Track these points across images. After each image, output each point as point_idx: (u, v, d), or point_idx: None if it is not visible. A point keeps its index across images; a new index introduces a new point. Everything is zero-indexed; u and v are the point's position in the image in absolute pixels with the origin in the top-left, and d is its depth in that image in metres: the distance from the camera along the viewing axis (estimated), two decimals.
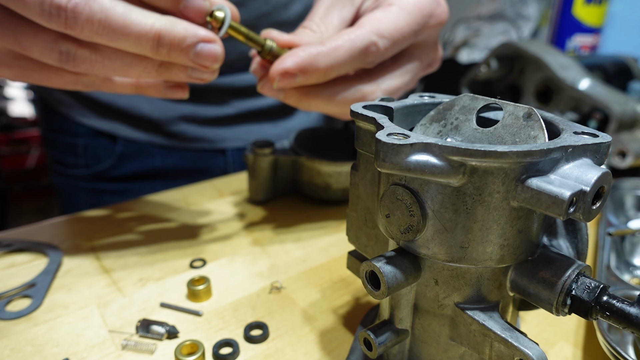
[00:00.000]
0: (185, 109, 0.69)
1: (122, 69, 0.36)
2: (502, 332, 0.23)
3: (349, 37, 0.39)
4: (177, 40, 0.34)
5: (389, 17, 0.40)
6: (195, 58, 0.35)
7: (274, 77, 0.39)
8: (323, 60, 0.38)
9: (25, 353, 0.33)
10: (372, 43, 0.39)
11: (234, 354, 0.32)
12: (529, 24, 1.26)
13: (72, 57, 0.34)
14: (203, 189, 0.60)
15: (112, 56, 0.35)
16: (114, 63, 0.35)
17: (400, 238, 0.24)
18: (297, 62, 0.38)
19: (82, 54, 0.34)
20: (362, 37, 0.39)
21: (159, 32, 0.33)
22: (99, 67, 0.35)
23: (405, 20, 0.41)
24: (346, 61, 0.39)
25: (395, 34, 0.40)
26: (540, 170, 0.21)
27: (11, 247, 0.45)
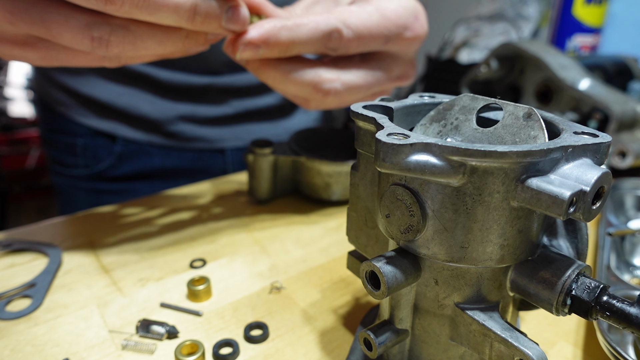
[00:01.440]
0: (184, 109, 0.69)
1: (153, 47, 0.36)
2: (502, 332, 0.23)
3: (315, 18, 0.39)
4: (212, 9, 0.35)
5: (361, 13, 0.40)
6: (227, 24, 0.36)
7: (238, 46, 0.39)
8: (285, 34, 0.38)
9: (25, 353, 0.33)
10: (336, 29, 0.39)
11: (234, 354, 0.32)
12: (529, 24, 1.26)
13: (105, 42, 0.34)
14: (203, 188, 0.60)
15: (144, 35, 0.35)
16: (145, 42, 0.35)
17: (400, 238, 0.24)
18: (261, 33, 0.38)
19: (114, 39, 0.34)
20: (328, 21, 0.39)
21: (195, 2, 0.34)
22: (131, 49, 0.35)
23: (377, 21, 0.41)
24: (307, 40, 0.39)
25: (362, 30, 0.40)
26: (540, 170, 0.21)
27: (11, 247, 0.45)
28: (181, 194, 0.58)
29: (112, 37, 0.34)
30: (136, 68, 0.65)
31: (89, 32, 0.33)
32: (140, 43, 0.35)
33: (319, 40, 0.39)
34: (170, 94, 0.68)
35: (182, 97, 0.69)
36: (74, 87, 0.69)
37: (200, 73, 0.68)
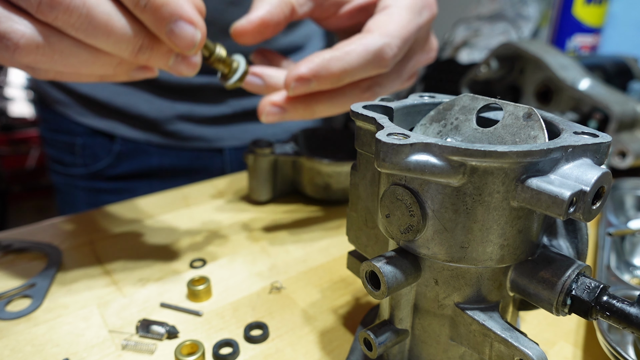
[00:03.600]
0: (183, 108, 0.69)
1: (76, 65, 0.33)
2: (502, 332, 0.23)
3: (361, 41, 0.39)
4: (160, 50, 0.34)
5: (393, 18, 0.40)
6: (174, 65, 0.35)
7: (289, 83, 0.39)
8: (336, 64, 0.39)
9: (25, 353, 0.33)
10: (386, 44, 0.39)
11: (234, 354, 0.32)
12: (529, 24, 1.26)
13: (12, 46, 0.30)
14: (203, 188, 0.60)
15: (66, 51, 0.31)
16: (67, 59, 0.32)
17: (400, 238, 0.24)
18: (311, 67, 0.38)
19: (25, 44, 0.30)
20: (375, 40, 0.39)
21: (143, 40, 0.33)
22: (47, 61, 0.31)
23: (407, 17, 0.41)
24: (359, 65, 0.39)
25: (404, 32, 0.40)
26: (540, 170, 0.21)
27: (11, 247, 0.45)
28: (182, 193, 0.58)
29: (23, 41, 0.30)
30: None
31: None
32: (59, 58, 0.32)
33: (371, 62, 0.39)
34: (168, 93, 0.68)
35: (180, 96, 0.69)
36: (72, 86, 0.69)
37: (198, 72, 0.68)
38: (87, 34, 0.31)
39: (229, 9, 0.64)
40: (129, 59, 0.34)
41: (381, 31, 0.39)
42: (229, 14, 0.65)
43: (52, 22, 0.30)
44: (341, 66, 0.39)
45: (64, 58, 0.32)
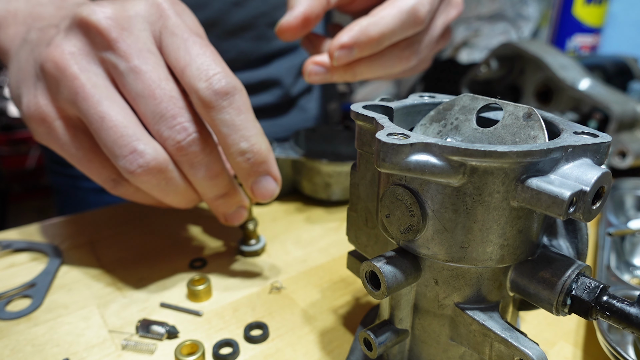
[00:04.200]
0: None
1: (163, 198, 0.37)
2: (502, 332, 0.23)
3: (395, 3, 0.41)
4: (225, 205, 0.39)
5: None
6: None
7: (332, 52, 0.41)
8: (374, 29, 0.40)
9: (25, 353, 0.33)
10: (418, 2, 0.41)
11: (234, 354, 0.32)
12: (529, 24, 1.26)
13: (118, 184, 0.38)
14: None
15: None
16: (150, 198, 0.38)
17: (400, 238, 0.24)
18: (351, 35, 0.41)
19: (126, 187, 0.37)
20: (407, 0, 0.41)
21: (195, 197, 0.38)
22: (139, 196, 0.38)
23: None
24: (396, 26, 0.41)
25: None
26: (540, 170, 0.21)
27: (11, 247, 0.45)
28: None
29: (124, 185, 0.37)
30: None
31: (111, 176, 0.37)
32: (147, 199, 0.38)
33: (406, 22, 0.41)
34: None
35: None
36: None
37: None
38: (193, 175, 0.36)
39: (233, 10, 0.64)
40: (207, 202, 0.38)
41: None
42: (233, 14, 0.65)
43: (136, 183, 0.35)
44: (379, 30, 0.40)
45: (171, 190, 0.36)
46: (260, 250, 0.45)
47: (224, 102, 0.33)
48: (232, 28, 0.66)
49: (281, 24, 0.43)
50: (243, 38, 0.68)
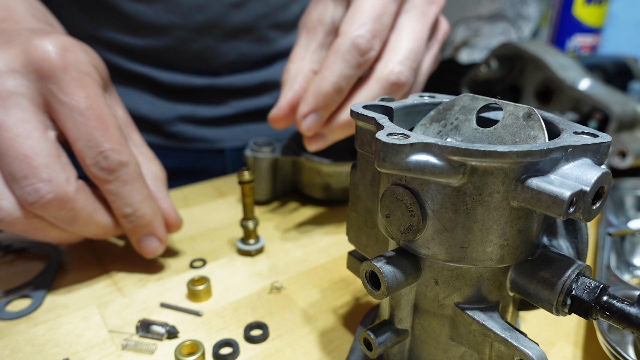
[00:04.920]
0: (184, 110, 0.69)
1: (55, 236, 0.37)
2: (502, 332, 0.23)
3: (335, 48, 0.40)
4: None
5: (359, 5, 0.40)
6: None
7: (299, 122, 0.42)
8: (325, 84, 0.40)
9: (25, 353, 0.33)
10: (357, 37, 0.40)
11: (234, 354, 0.32)
12: (529, 24, 1.26)
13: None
14: (203, 189, 0.60)
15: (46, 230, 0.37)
16: (46, 234, 0.37)
17: (400, 238, 0.24)
18: (308, 102, 0.41)
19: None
20: (344, 40, 0.40)
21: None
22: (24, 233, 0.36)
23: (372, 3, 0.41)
24: (345, 70, 0.40)
25: (374, 12, 0.40)
26: (540, 170, 0.21)
27: (11, 247, 0.45)
28: (182, 194, 0.58)
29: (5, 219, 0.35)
30: (136, 69, 0.65)
31: None
32: (39, 234, 0.37)
33: (352, 60, 0.40)
34: (169, 95, 0.68)
35: (182, 97, 0.69)
36: None
37: (199, 74, 0.68)
38: (69, 227, 0.36)
39: (233, 12, 0.64)
40: (101, 237, 0.40)
41: (349, 27, 0.40)
42: (233, 16, 0.65)
43: (40, 214, 0.35)
44: (330, 82, 0.40)
45: (43, 234, 0.37)
46: (259, 249, 0.45)
47: (110, 177, 0.36)
48: (232, 30, 0.66)
49: (271, 116, 0.46)
50: (243, 40, 0.68)
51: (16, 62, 0.34)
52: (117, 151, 0.36)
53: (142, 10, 0.60)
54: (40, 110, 0.35)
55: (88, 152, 0.35)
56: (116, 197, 0.37)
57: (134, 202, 0.37)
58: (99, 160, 0.35)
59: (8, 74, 0.34)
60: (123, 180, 0.36)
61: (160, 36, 0.63)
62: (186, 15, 0.62)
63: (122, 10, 0.60)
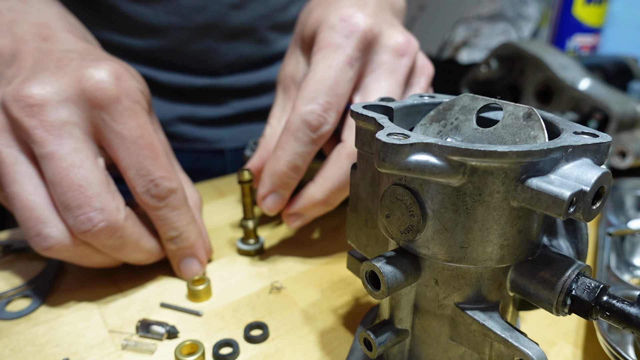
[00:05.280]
0: (184, 110, 0.69)
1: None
2: (502, 332, 0.23)
3: (286, 127, 0.39)
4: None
5: (310, 78, 0.39)
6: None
7: (259, 204, 0.43)
8: (278, 164, 0.40)
9: (25, 353, 0.33)
10: (306, 114, 0.38)
11: (234, 354, 0.32)
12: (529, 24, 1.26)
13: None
14: (203, 189, 0.60)
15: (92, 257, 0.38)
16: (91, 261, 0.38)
17: (400, 238, 0.24)
18: (264, 183, 0.41)
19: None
20: (294, 117, 0.39)
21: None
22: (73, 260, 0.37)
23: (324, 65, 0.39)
24: (297, 147, 0.39)
25: (324, 85, 0.39)
26: (540, 170, 0.21)
27: (11, 247, 0.45)
28: None
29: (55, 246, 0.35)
30: (136, 69, 0.65)
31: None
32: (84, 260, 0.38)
33: (303, 137, 0.39)
34: (169, 95, 0.68)
35: (182, 98, 0.69)
36: None
37: (199, 74, 0.68)
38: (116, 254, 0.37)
39: (233, 13, 0.64)
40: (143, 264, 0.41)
41: (300, 102, 0.39)
42: (233, 17, 0.65)
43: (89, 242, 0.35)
44: (285, 162, 0.40)
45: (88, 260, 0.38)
46: (259, 249, 0.45)
47: (160, 204, 0.37)
48: (232, 31, 0.66)
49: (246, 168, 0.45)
50: (243, 41, 0.68)
51: (69, 91, 0.34)
52: (167, 179, 0.36)
53: (141, 12, 0.60)
54: (91, 139, 0.36)
55: (139, 180, 0.36)
56: (164, 222, 0.38)
57: (180, 225, 0.38)
58: (150, 188, 0.36)
59: (62, 104, 0.34)
60: (172, 206, 0.37)
61: (159, 37, 0.63)
62: (185, 16, 0.62)
63: (121, 11, 0.60)
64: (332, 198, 0.41)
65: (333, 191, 0.40)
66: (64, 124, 0.34)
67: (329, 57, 0.39)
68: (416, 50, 0.43)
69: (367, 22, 0.40)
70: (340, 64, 0.39)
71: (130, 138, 0.35)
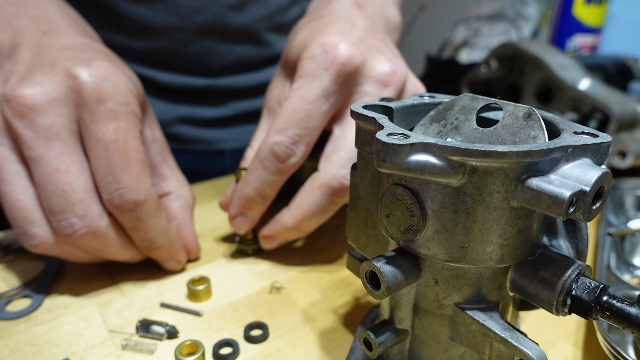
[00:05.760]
0: (183, 111, 0.69)
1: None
2: (502, 332, 0.23)
3: (256, 154, 0.40)
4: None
5: (283, 109, 0.39)
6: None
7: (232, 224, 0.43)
8: (246, 188, 0.41)
9: (25, 353, 0.33)
10: (273, 144, 0.38)
11: (234, 354, 0.32)
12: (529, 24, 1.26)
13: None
14: (203, 189, 0.60)
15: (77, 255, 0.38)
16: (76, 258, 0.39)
17: (400, 238, 0.24)
18: (234, 204, 0.42)
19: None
20: (264, 146, 0.39)
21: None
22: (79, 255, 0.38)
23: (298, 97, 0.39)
24: (264, 175, 0.39)
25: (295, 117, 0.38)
26: (540, 170, 0.21)
27: (11, 247, 0.45)
28: None
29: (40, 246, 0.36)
30: (134, 70, 0.65)
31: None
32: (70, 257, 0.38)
33: (269, 165, 0.39)
34: (169, 96, 0.68)
35: (181, 98, 0.69)
36: None
37: (199, 75, 0.68)
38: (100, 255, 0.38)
39: (232, 14, 0.64)
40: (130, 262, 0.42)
41: (271, 131, 0.39)
42: (232, 19, 0.65)
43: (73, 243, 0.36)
44: (252, 187, 0.40)
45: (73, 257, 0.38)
46: (257, 248, 0.45)
47: (124, 215, 0.36)
48: (232, 32, 0.66)
49: (221, 203, 0.45)
50: (243, 42, 0.68)
51: (58, 91, 0.35)
52: (133, 190, 0.36)
53: (141, 12, 0.60)
54: (77, 139, 0.36)
55: (105, 186, 0.35)
56: (132, 230, 0.38)
57: (149, 236, 0.38)
58: (114, 197, 0.35)
59: (51, 105, 0.34)
60: (138, 217, 0.37)
61: (158, 38, 0.63)
62: (185, 17, 0.62)
63: (120, 12, 0.60)
64: (302, 225, 0.41)
65: (304, 219, 0.40)
66: (52, 125, 0.34)
67: (305, 88, 0.39)
68: (402, 79, 0.42)
69: (348, 53, 0.39)
70: (314, 96, 0.39)
71: (103, 141, 0.35)
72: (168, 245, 0.40)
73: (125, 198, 0.35)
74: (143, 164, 0.37)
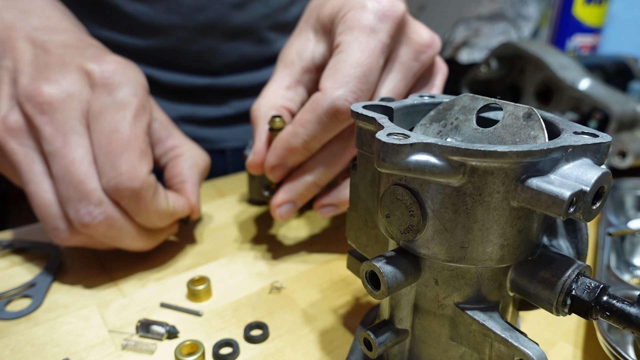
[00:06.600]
0: (185, 110, 0.69)
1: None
2: (502, 332, 0.23)
3: (312, 106, 0.37)
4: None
5: (342, 60, 0.36)
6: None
7: (268, 174, 0.41)
8: (296, 140, 0.38)
9: (25, 353, 0.33)
10: (337, 98, 0.35)
11: (234, 354, 0.32)
12: (529, 24, 1.26)
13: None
14: (203, 189, 0.60)
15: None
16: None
17: (400, 238, 0.24)
18: (276, 154, 0.40)
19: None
20: (324, 101, 0.36)
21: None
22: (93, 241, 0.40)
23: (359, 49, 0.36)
24: (318, 131, 0.37)
25: (359, 70, 0.36)
26: (540, 170, 0.21)
27: (11, 247, 0.45)
28: None
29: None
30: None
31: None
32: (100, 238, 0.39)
33: (328, 123, 0.37)
34: (171, 95, 0.68)
35: (183, 98, 0.69)
36: None
37: (200, 74, 0.68)
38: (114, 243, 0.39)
39: (234, 13, 0.64)
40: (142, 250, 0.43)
41: (331, 84, 0.36)
42: (234, 17, 0.65)
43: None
44: (301, 140, 0.38)
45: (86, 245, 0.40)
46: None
47: (122, 201, 0.37)
48: (233, 31, 0.66)
49: (250, 163, 0.43)
50: (244, 41, 0.68)
51: (74, 87, 0.37)
52: (130, 177, 0.36)
53: (142, 11, 0.60)
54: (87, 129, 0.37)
55: (104, 172, 0.36)
56: (132, 213, 0.38)
57: (147, 220, 0.39)
58: (111, 183, 0.36)
59: (67, 100, 0.36)
60: (136, 204, 0.37)
61: (160, 36, 0.63)
62: (187, 15, 0.62)
63: (122, 11, 0.60)
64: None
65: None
66: (68, 119, 0.36)
67: (363, 40, 0.36)
68: (437, 51, 0.41)
69: (400, 7, 0.37)
70: (375, 50, 0.36)
71: (106, 130, 0.36)
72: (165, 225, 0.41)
73: (122, 186, 0.36)
74: (142, 153, 0.37)
